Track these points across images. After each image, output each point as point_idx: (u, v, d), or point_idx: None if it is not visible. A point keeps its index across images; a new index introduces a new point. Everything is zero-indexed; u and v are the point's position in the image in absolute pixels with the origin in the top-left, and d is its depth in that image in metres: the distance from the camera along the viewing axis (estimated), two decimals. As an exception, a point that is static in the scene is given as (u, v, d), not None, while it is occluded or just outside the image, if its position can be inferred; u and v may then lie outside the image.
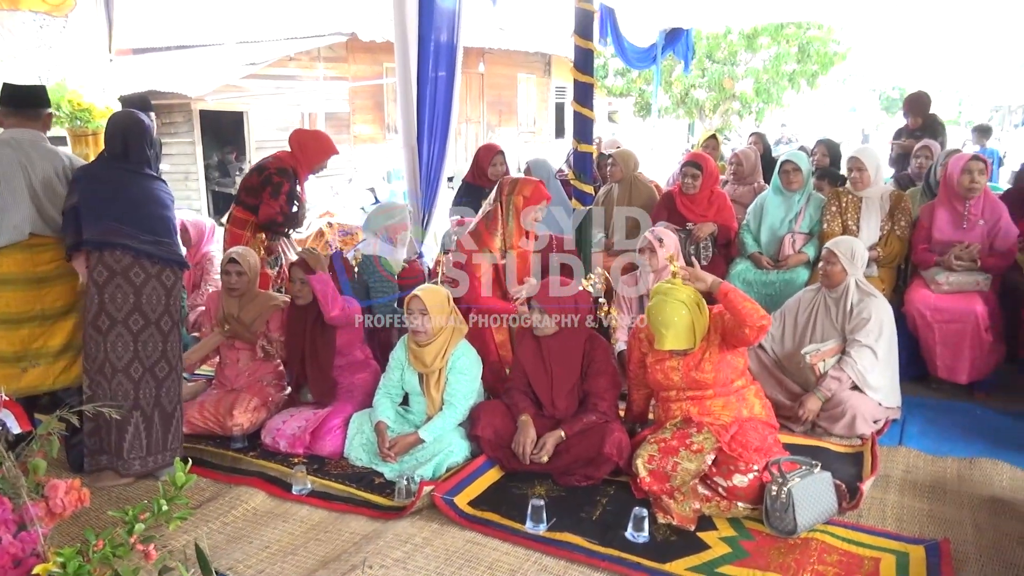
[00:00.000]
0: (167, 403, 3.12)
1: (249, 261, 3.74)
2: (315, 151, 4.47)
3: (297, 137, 4.51)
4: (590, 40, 4.66)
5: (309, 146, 4.47)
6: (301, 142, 4.48)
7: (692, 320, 2.96)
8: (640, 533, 2.68)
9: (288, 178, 4.34)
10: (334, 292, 3.52)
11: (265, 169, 4.36)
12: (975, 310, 3.81)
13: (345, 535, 2.77)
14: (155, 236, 3.04)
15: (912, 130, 6.06)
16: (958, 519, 2.85)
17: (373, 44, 13.25)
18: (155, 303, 3.05)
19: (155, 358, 3.07)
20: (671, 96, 18.17)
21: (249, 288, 3.76)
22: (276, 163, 4.40)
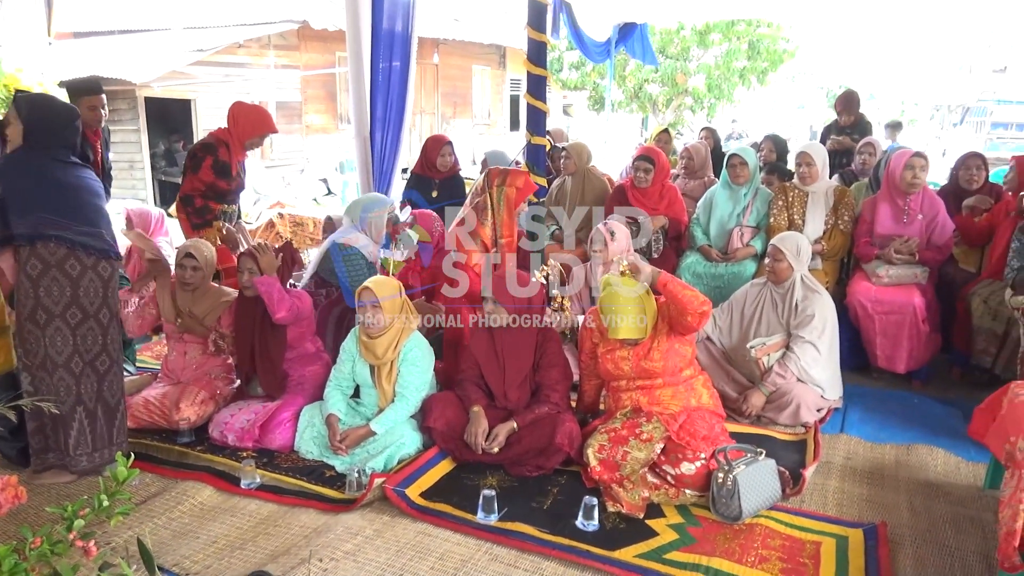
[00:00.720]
0: (110, 397, 3.04)
1: (204, 254, 3.65)
2: (248, 125, 4.33)
3: (234, 109, 4.39)
4: (543, 33, 4.68)
5: (243, 119, 4.34)
6: (236, 114, 4.36)
7: (642, 310, 3.01)
8: (590, 521, 2.71)
9: (212, 151, 4.24)
10: (280, 293, 3.45)
11: (193, 147, 4.33)
12: (913, 302, 3.94)
13: (295, 528, 2.75)
14: (91, 226, 2.92)
15: (843, 127, 6.26)
16: (895, 503, 2.95)
17: (325, 32, 13.05)
18: (92, 296, 2.95)
19: (95, 351, 2.99)
20: (625, 90, 18.34)
21: (203, 282, 3.68)
22: (204, 139, 4.34)
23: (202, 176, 4.24)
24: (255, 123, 4.35)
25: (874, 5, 7.46)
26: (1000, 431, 2.66)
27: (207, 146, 4.27)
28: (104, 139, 4.53)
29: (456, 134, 15.69)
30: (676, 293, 2.94)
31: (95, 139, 4.42)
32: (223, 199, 4.37)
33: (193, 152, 4.30)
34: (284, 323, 3.50)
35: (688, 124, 19.12)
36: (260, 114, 4.43)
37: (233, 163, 4.33)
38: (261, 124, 4.38)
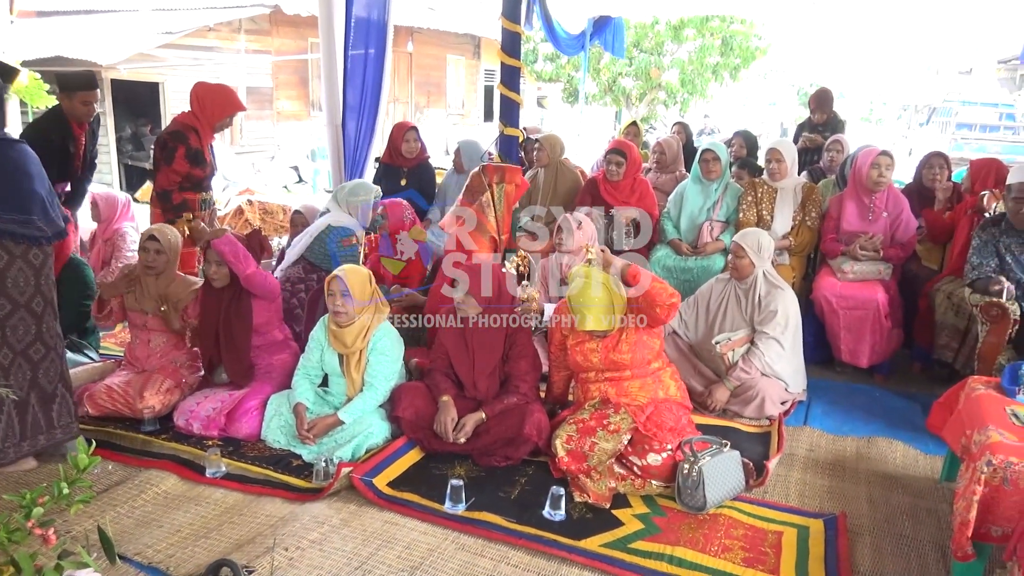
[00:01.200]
0: (46, 384, 2.94)
1: (169, 239, 3.58)
2: (215, 106, 4.17)
3: (197, 90, 4.21)
4: (518, 23, 4.67)
5: (210, 101, 4.17)
6: (200, 96, 4.18)
7: (610, 301, 3.03)
8: (557, 511, 2.73)
9: (182, 140, 4.10)
10: (245, 252, 3.42)
11: (160, 136, 4.17)
12: (877, 298, 4.02)
13: (260, 517, 2.73)
14: (20, 214, 2.77)
15: (815, 125, 6.35)
16: (855, 494, 3.02)
17: (298, 18, 12.88)
18: (23, 285, 2.82)
19: (28, 341, 2.86)
20: (599, 83, 18.36)
21: (168, 268, 3.60)
22: (171, 127, 4.18)
23: (176, 167, 4.10)
24: (222, 103, 4.20)
25: (845, 6, 7.56)
26: (957, 425, 2.73)
27: (176, 135, 4.12)
28: (92, 130, 4.42)
29: (430, 124, 15.61)
30: (646, 285, 2.96)
31: (80, 131, 4.31)
32: (199, 187, 4.25)
33: (163, 142, 4.14)
34: (253, 285, 3.44)
35: (661, 118, 19.21)
36: (226, 93, 4.27)
37: (205, 148, 4.21)
38: (228, 104, 4.23)
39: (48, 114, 4.38)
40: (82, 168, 4.44)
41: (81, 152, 4.36)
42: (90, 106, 4.21)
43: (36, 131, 4.26)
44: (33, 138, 4.11)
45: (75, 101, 4.17)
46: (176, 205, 4.14)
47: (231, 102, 4.24)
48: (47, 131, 4.19)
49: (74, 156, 4.32)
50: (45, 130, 4.21)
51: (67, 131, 4.25)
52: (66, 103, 4.21)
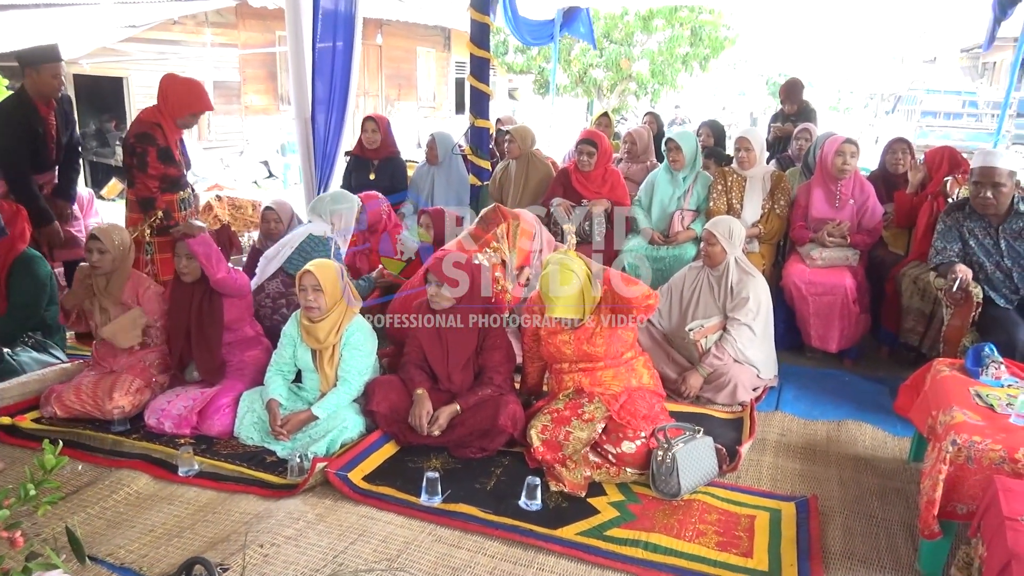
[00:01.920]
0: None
1: (114, 239, 3.45)
2: (180, 103, 3.93)
3: (164, 83, 3.97)
4: (487, 14, 4.65)
5: (174, 95, 3.93)
6: (166, 90, 3.94)
7: (583, 291, 3.03)
8: (533, 501, 2.75)
9: (149, 141, 3.88)
10: (218, 255, 3.39)
11: (128, 139, 3.94)
12: (845, 284, 4.08)
13: (235, 515, 2.71)
14: None
15: (788, 115, 6.43)
16: (826, 477, 3.07)
17: (264, 10, 12.71)
18: None
19: None
20: (570, 75, 18.37)
21: (118, 267, 3.50)
22: (135, 127, 3.95)
23: (152, 172, 3.89)
24: (188, 100, 3.96)
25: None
26: (923, 406, 2.79)
27: (143, 136, 3.89)
28: (63, 110, 4.25)
29: (401, 117, 15.51)
30: (620, 290, 2.98)
31: (47, 111, 4.15)
32: (176, 187, 4.05)
33: (131, 148, 3.89)
34: (223, 287, 3.41)
35: (632, 109, 19.28)
36: (194, 90, 4.02)
37: (173, 145, 3.99)
38: (195, 101, 3.99)
39: (9, 98, 4.20)
40: (58, 152, 4.26)
41: (53, 134, 4.19)
42: (59, 79, 4.07)
43: (3, 116, 4.08)
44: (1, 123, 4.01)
45: (43, 75, 4.01)
46: (163, 211, 3.98)
47: (199, 100, 4.01)
48: (9, 114, 4.05)
49: (45, 139, 4.15)
50: (7, 113, 4.06)
51: (32, 112, 4.08)
52: (32, 80, 4.04)
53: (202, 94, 4.04)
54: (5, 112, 4.12)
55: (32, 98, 4.09)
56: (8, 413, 3.39)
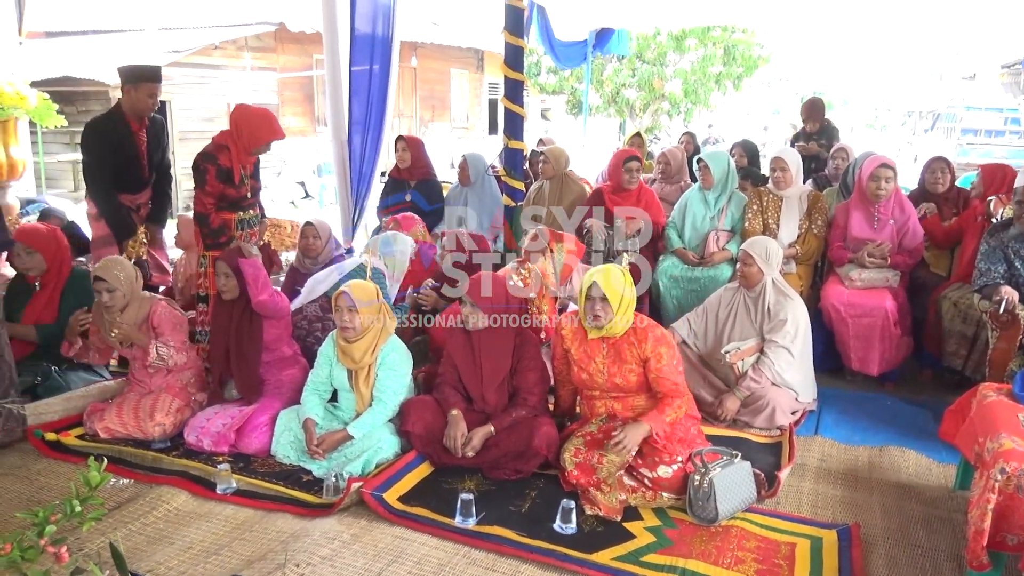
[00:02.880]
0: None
1: (117, 274, 3.48)
2: (252, 131, 3.95)
3: (237, 113, 4.00)
4: (520, 37, 4.69)
5: (247, 124, 3.95)
6: (239, 119, 3.97)
7: (626, 289, 3.00)
8: (568, 525, 2.72)
9: (211, 160, 3.89)
10: (265, 279, 3.45)
11: (194, 160, 3.95)
12: (885, 305, 4.00)
13: (271, 534, 2.73)
14: None
15: (810, 134, 6.39)
16: (868, 504, 3.00)
17: (302, 35, 12.97)
18: None
19: None
20: (602, 95, 18.42)
21: (131, 299, 3.53)
22: (206, 147, 3.97)
23: (209, 189, 3.90)
24: (260, 131, 3.96)
25: (847, 13, 7.58)
26: (969, 432, 2.71)
27: (207, 156, 3.91)
28: (154, 131, 4.32)
29: (434, 138, 15.68)
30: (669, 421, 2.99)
31: (139, 128, 4.22)
32: (236, 207, 4.02)
33: (196, 165, 3.94)
34: (264, 309, 3.46)
35: (665, 129, 19.24)
36: (266, 119, 4.03)
37: (236, 168, 3.97)
38: (268, 131, 3.98)
39: (101, 114, 4.25)
40: (149, 172, 4.33)
41: (144, 152, 4.26)
42: (154, 98, 4.16)
43: (93, 129, 4.15)
44: (89, 136, 4.13)
45: (140, 93, 4.09)
46: (215, 229, 3.96)
47: (271, 129, 4.01)
48: (96, 128, 4.12)
49: (136, 159, 4.22)
50: (102, 128, 4.12)
51: (123, 128, 4.15)
52: (129, 97, 4.12)
53: (274, 124, 4.07)
54: (94, 127, 4.18)
55: (125, 115, 4.17)
56: (53, 429, 3.47)
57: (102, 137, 4.13)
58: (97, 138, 4.14)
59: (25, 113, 6.76)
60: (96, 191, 4.23)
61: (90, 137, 4.17)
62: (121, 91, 4.18)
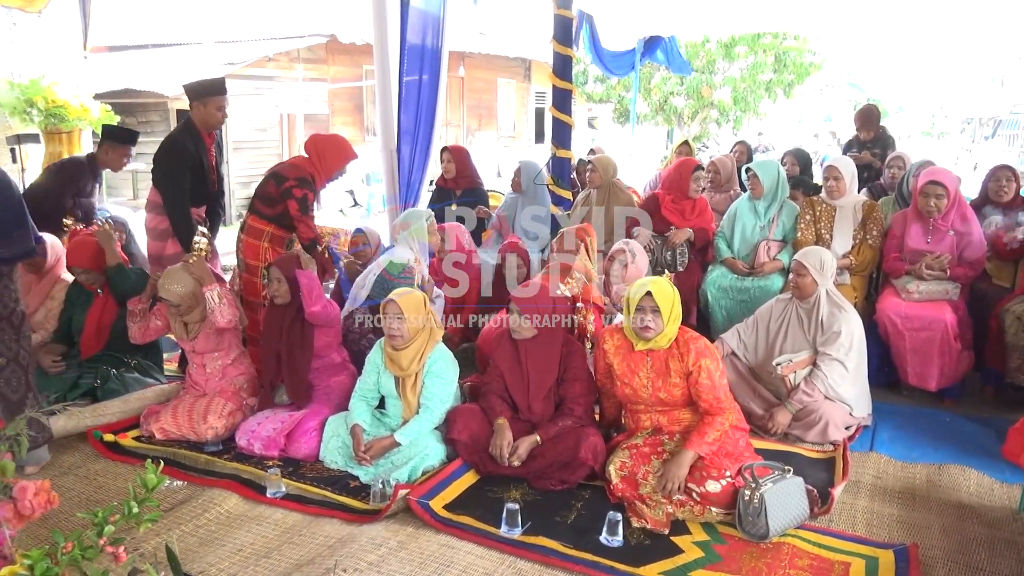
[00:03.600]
0: (10, 392, 3.02)
1: (178, 291, 3.59)
2: (335, 158, 4.09)
3: (314, 143, 4.12)
4: (569, 46, 4.70)
5: (328, 152, 4.09)
6: (319, 149, 4.08)
7: (674, 302, 2.99)
8: (614, 537, 2.69)
9: (311, 187, 3.99)
10: (319, 290, 3.51)
11: (284, 179, 3.96)
12: (944, 318, 3.87)
13: (319, 538, 2.76)
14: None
15: (864, 142, 6.23)
16: (926, 524, 2.90)
17: (352, 46, 13.20)
18: None
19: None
20: (650, 103, 18.32)
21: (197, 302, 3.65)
22: (295, 172, 4.01)
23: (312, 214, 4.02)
24: (339, 156, 4.10)
25: (901, 18, 7.41)
26: (1035, 452, 2.60)
27: (304, 182, 3.95)
28: (218, 143, 4.46)
29: (481, 147, 15.78)
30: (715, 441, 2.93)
31: (210, 142, 4.34)
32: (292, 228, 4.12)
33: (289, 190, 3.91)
34: (316, 319, 3.53)
35: (714, 137, 19.04)
36: (341, 144, 4.19)
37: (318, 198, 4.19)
38: (346, 154, 4.12)
39: (180, 128, 4.35)
40: (214, 184, 4.46)
41: (213, 165, 4.39)
42: (223, 111, 4.27)
43: (174, 145, 4.23)
44: (171, 152, 4.20)
45: (210, 107, 4.21)
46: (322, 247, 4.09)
47: (347, 152, 4.15)
48: (184, 144, 4.20)
49: (209, 171, 4.35)
50: (182, 144, 4.21)
51: (200, 145, 4.26)
52: (199, 112, 4.23)
53: (348, 147, 4.20)
54: (176, 141, 4.26)
55: (198, 130, 4.28)
56: (112, 431, 3.57)
57: (182, 154, 4.19)
58: (178, 155, 4.19)
59: (88, 124, 7.02)
60: (177, 209, 4.23)
61: (170, 154, 4.21)
62: (190, 107, 4.27)
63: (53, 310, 4.20)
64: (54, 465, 3.30)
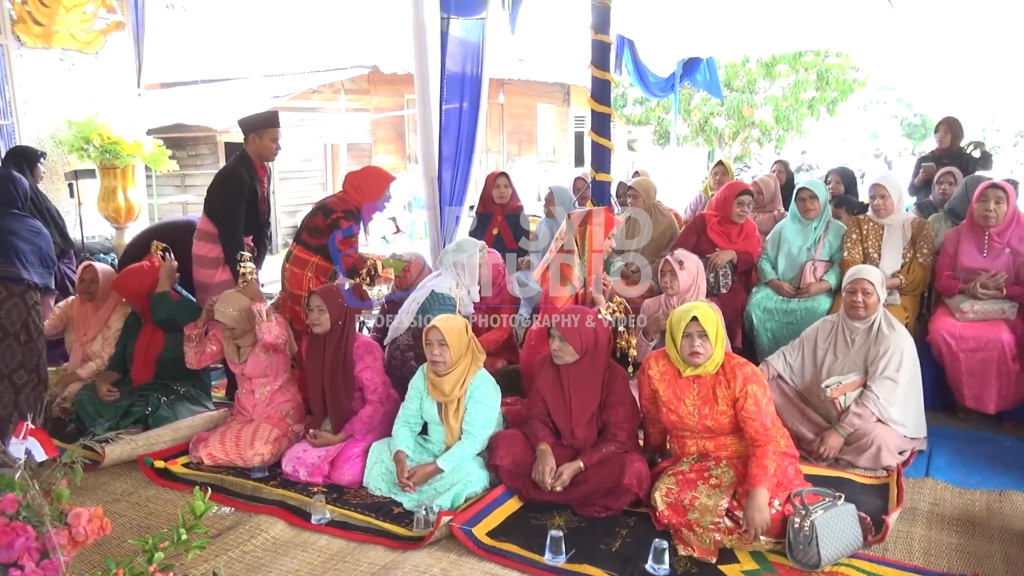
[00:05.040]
0: (26, 408, 3.36)
1: (232, 313, 3.70)
2: (374, 188, 4.22)
3: (350, 181, 4.25)
4: (607, 71, 4.71)
5: (365, 184, 4.22)
6: (357, 184, 4.22)
7: (718, 325, 2.98)
8: (660, 565, 2.65)
9: (355, 218, 4.14)
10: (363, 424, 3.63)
11: (332, 212, 4.09)
12: (1001, 339, 3.75)
13: (363, 565, 2.76)
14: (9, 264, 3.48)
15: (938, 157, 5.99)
16: (988, 553, 2.78)
17: (394, 76, 13.45)
18: (15, 318, 3.45)
19: (13, 366, 3.41)
20: (690, 124, 18.21)
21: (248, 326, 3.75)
22: (342, 204, 4.14)
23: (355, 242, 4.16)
24: (378, 185, 4.24)
25: (948, 31, 7.26)
26: (1103, 478, 2.49)
27: (350, 212, 4.11)
28: (269, 174, 4.57)
29: (521, 171, 15.87)
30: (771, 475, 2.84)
31: (263, 173, 4.45)
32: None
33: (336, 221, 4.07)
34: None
35: (756, 157, 18.83)
36: (378, 174, 4.34)
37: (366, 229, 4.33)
38: (384, 182, 4.28)
39: (235, 161, 4.43)
40: (267, 214, 4.57)
41: (265, 196, 4.50)
42: (277, 142, 4.38)
43: (232, 176, 4.31)
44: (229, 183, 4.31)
45: (265, 139, 4.31)
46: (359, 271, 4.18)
47: (383, 179, 4.29)
48: (241, 176, 4.30)
49: (261, 201, 4.47)
50: (239, 175, 4.30)
51: (255, 175, 4.37)
52: (254, 145, 4.33)
53: (383, 174, 4.35)
54: (233, 172, 4.35)
55: (253, 162, 4.39)
56: (162, 457, 3.65)
57: (240, 185, 4.28)
58: (235, 186, 4.28)
59: (141, 159, 7.26)
60: (233, 239, 4.30)
61: (228, 185, 4.29)
62: (245, 140, 4.38)
63: (109, 339, 4.34)
64: (107, 492, 3.38)
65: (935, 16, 6.57)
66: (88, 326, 4.38)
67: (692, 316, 2.94)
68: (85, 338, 4.38)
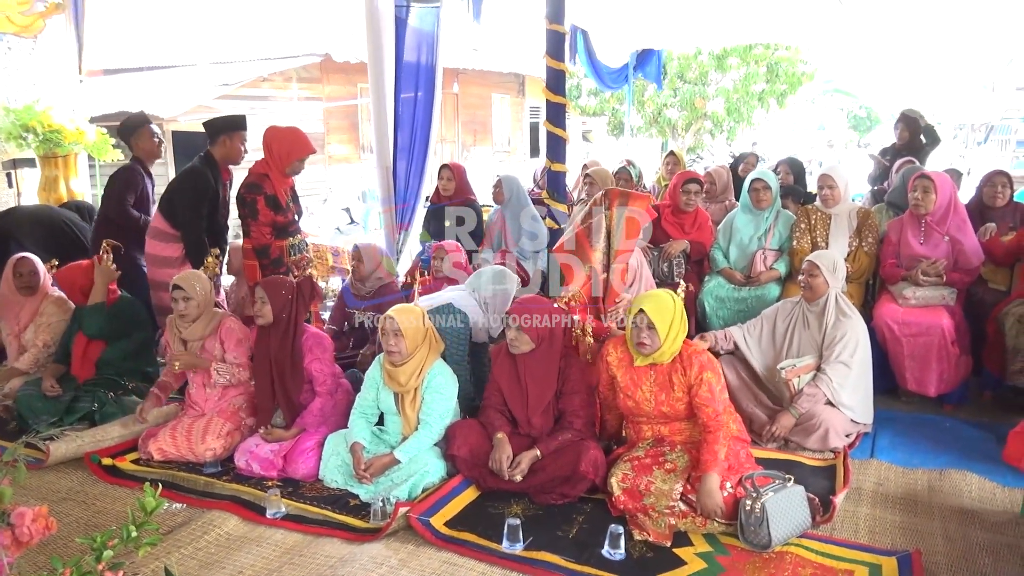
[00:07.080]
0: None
1: (195, 285, 3.62)
2: (284, 151, 4.04)
3: (267, 136, 4.08)
4: (562, 61, 4.71)
5: (278, 145, 4.04)
6: (269, 142, 4.06)
7: (675, 315, 2.99)
8: (616, 550, 2.68)
9: (257, 190, 3.99)
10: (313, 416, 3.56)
11: (244, 201, 4.03)
12: (942, 324, 3.88)
13: (320, 558, 2.74)
14: None
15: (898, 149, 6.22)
16: (929, 530, 2.89)
17: (347, 65, 13.26)
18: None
19: None
20: (644, 116, 18.37)
21: (204, 311, 3.66)
22: (246, 179, 4.05)
23: (263, 219, 4.00)
24: (291, 148, 4.06)
25: (892, 25, 7.46)
26: (1036, 455, 2.60)
27: (252, 186, 4.00)
28: (231, 178, 4.49)
29: (476, 162, 15.82)
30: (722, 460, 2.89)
31: (226, 176, 4.40)
32: (284, 233, 4.14)
33: (241, 199, 4.01)
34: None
35: (708, 148, 19.10)
36: (295, 136, 4.12)
37: (280, 193, 4.08)
38: (299, 147, 4.08)
39: (201, 162, 4.32)
40: (227, 216, 4.48)
41: (226, 199, 4.42)
42: (245, 146, 4.30)
43: (199, 178, 4.25)
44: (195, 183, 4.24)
45: (235, 142, 4.25)
46: (275, 259, 4.06)
47: (301, 145, 4.09)
48: (207, 177, 4.23)
49: (221, 206, 4.38)
50: (205, 177, 4.23)
51: (219, 178, 4.29)
52: (224, 147, 4.25)
53: (303, 139, 4.13)
54: (200, 174, 4.27)
55: (219, 165, 4.30)
56: (110, 454, 3.56)
57: (205, 187, 4.22)
58: (201, 187, 4.22)
59: (84, 148, 7.02)
60: (195, 239, 4.26)
61: (194, 185, 4.23)
62: (211, 143, 4.29)
63: (42, 326, 4.20)
64: (52, 490, 3.28)
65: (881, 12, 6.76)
66: (18, 317, 4.24)
67: (640, 308, 2.97)
68: (17, 328, 4.24)
